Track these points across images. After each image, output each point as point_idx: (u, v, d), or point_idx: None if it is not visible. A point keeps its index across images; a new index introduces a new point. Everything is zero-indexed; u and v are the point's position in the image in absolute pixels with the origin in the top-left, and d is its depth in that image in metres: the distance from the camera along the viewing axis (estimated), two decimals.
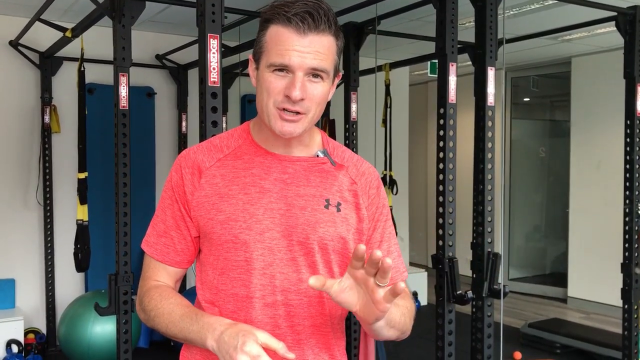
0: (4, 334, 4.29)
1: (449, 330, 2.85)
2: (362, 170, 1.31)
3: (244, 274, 1.21)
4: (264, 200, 1.22)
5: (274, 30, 1.17)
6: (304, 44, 1.14)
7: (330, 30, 1.17)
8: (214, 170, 1.26)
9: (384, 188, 1.35)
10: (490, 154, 2.95)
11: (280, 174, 1.24)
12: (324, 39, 1.16)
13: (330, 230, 1.22)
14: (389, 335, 1.19)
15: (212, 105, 2.11)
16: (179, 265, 1.30)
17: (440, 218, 2.89)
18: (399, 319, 1.18)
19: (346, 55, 4.12)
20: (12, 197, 4.70)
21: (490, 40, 2.91)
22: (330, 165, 1.28)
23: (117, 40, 3.05)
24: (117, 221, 3.13)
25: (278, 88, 1.16)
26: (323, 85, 1.19)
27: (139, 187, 4.40)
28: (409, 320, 1.23)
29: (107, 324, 4.10)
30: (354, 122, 4.15)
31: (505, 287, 2.89)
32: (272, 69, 1.17)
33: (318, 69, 1.17)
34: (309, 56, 1.15)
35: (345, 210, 1.25)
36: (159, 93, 5.29)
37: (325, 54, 1.17)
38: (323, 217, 1.22)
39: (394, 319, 1.16)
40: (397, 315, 1.17)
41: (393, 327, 1.17)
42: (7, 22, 4.57)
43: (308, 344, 1.22)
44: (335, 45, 1.20)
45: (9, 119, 4.69)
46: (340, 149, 1.34)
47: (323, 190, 1.25)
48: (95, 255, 4.00)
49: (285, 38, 1.15)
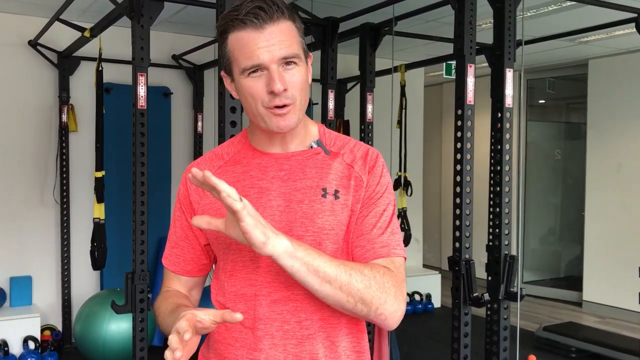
0: (21, 330, 4.34)
1: (464, 333, 2.84)
2: (360, 154, 1.29)
3: (251, 273, 1.22)
4: (263, 200, 1.23)
5: (233, 37, 1.18)
6: (265, 38, 1.15)
7: (284, 15, 1.18)
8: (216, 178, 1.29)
9: (382, 166, 1.29)
10: (508, 156, 2.93)
11: (277, 171, 1.26)
12: (282, 25, 1.17)
13: (330, 219, 1.22)
14: (323, 291, 1.11)
15: (231, 105, 2.12)
16: (190, 274, 1.34)
17: (457, 220, 2.87)
18: (337, 273, 1.10)
19: (362, 56, 4.12)
20: (29, 195, 4.75)
21: (509, 42, 2.90)
22: (324, 155, 1.28)
23: (136, 40, 3.07)
24: (135, 220, 3.15)
25: (260, 89, 1.18)
26: (299, 70, 1.20)
27: (155, 187, 4.42)
28: (366, 286, 1.12)
29: (122, 322, 4.13)
30: (370, 122, 4.14)
31: (522, 290, 2.87)
32: (247, 74, 1.18)
33: (288, 57, 1.17)
34: (275, 47, 1.16)
35: (345, 197, 1.24)
36: (175, 93, 5.32)
37: (289, 40, 1.18)
38: (321, 207, 1.22)
39: (321, 267, 1.09)
40: (333, 269, 1.10)
41: (324, 279, 1.10)
42: (26, 22, 4.62)
43: (318, 338, 1.22)
44: (295, 28, 1.21)
45: (28, 117, 4.74)
46: (339, 139, 1.32)
47: (319, 181, 1.24)
48: (111, 253, 4.03)
49: (246, 40, 1.16)
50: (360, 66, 4.16)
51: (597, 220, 6.24)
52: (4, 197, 4.65)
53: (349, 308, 1.14)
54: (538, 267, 7.36)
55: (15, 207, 4.68)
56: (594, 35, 5.20)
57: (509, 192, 2.96)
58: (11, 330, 4.31)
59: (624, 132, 5.99)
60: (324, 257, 1.12)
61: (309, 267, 1.09)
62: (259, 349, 1.21)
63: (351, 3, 4.03)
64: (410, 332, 5.27)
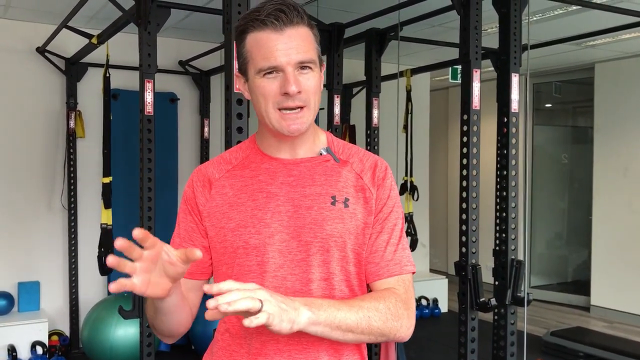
0: (29, 335, 4.36)
1: (471, 338, 2.83)
2: (369, 164, 1.30)
3: (257, 277, 1.22)
4: (271, 205, 1.23)
5: (252, 37, 1.19)
6: (284, 40, 1.16)
7: (304, 21, 1.19)
8: (224, 181, 1.29)
9: (391, 178, 1.32)
10: (514, 160, 2.93)
11: (286, 177, 1.26)
12: (301, 31, 1.19)
13: (339, 227, 1.22)
14: (345, 339, 1.14)
15: (238, 111, 2.13)
16: (192, 276, 1.32)
17: (464, 225, 2.87)
18: (357, 321, 1.13)
19: (368, 61, 4.13)
20: (37, 200, 4.77)
21: (515, 47, 2.90)
22: (334, 162, 1.28)
23: (143, 47, 3.09)
24: (142, 225, 3.16)
25: (274, 90, 1.18)
26: (314, 75, 1.21)
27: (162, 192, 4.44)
28: (383, 320, 1.16)
29: (129, 327, 4.14)
30: (376, 127, 4.15)
31: (529, 295, 2.87)
32: (262, 74, 1.19)
33: (304, 61, 1.18)
34: (293, 51, 1.17)
35: (354, 206, 1.25)
36: (182, 99, 5.34)
37: (307, 45, 1.19)
38: (330, 215, 1.22)
39: (347, 322, 1.11)
40: (353, 316, 1.12)
41: (347, 330, 1.12)
42: (34, 29, 4.66)
43: (322, 346, 1.22)
44: (312, 35, 1.22)
45: (35, 123, 4.77)
46: (346, 147, 1.33)
47: (329, 188, 1.25)
48: None
49: (265, 41, 1.17)
50: (366, 71, 4.17)
51: (604, 225, 6.21)
52: (12, 202, 4.67)
53: (371, 342, 1.19)
54: (545, 271, 7.33)
55: (23, 213, 4.71)
56: (601, 39, 5.18)
57: (516, 197, 2.96)
58: (19, 336, 4.33)
59: (630, 135, 5.96)
60: (342, 309, 1.12)
61: (332, 325, 1.11)
62: (263, 354, 1.21)
63: (357, 8, 4.04)
64: (417, 337, 5.23)
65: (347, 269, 1.25)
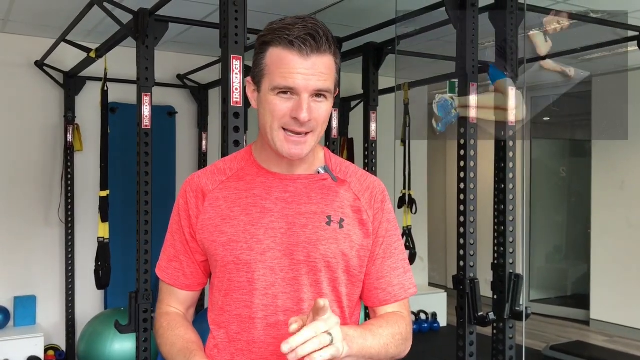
0: (25, 350, 4.32)
1: (470, 352, 2.81)
2: (366, 185, 1.30)
3: (246, 294, 1.21)
4: (265, 220, 1.22)
5: (275, 53, 1.17)
6: (307, 66, 1.15)
7: (330, 50, 1.18)
8: (217, 193, 1.27)
9: (390, 202, 1.32)
10: (512, 174, 2.93)
11: (282, 193, 1.24)
12: (325, 59, 1.17)
13: (332, 248, 1.21)
14: None
15: (235, 125, 2.13)
16: (189, 289, 1.33)
17: (462, 238, 2.86)
18: (379, 349, 1.18)
19: (366, 75, 4.14)
20: (34, 214, 4.76)
21: (511, 60, 2.91)
22: (331, 181, 1.28)
23: (141, 60, 3.10)
24: (138, 239, 3.15)
25: (283, 110, 1.17)
26: (327, 104, 1.20)
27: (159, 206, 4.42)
28: (396, 346, 1.23)
29: (126, 342, 4.11)
30: (374, 141, 4.15)
31: (527, 309, 2.85)
32: (277, 92, 1.17)
33: (322, 90, 1.18)
34: (314, 78, 1.16)
35: (349, 227, 1.24)
36: (180, 112, 5.35)
37: (328, 74, 1.18)
38: (325, 235, 1.21)
39: (370, 351, 1.16)
40: (376, 345, 1.17)
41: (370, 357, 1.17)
42: (33, 43, 4.67)
43: None
44: (335, 64, 1.21)
45: (33, 137, 4.77)
46: (344, 165, 1.33)
47: (324, 207, 1.24)
48: (115, 272, 4.02)
49: (288, 61, 1.15)
50: (363, 85, 4.18)
51: (603, 238, 6.20)
52: (9, 216, 4.66)
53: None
54: (544, 285, 7.30)
55: (20, 227, 4.69)
56: (597, 53, 5.20)
57: (514, 210, 2.95)
58: (15, 350, 4.29)
59: (628, 149, 5.97)
60: (368, 339, 1.16)
61: (359, 355, 1.14)
62: None
63: (354, 23, 4.06)
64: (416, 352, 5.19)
65: (339, 290, 1.24)
